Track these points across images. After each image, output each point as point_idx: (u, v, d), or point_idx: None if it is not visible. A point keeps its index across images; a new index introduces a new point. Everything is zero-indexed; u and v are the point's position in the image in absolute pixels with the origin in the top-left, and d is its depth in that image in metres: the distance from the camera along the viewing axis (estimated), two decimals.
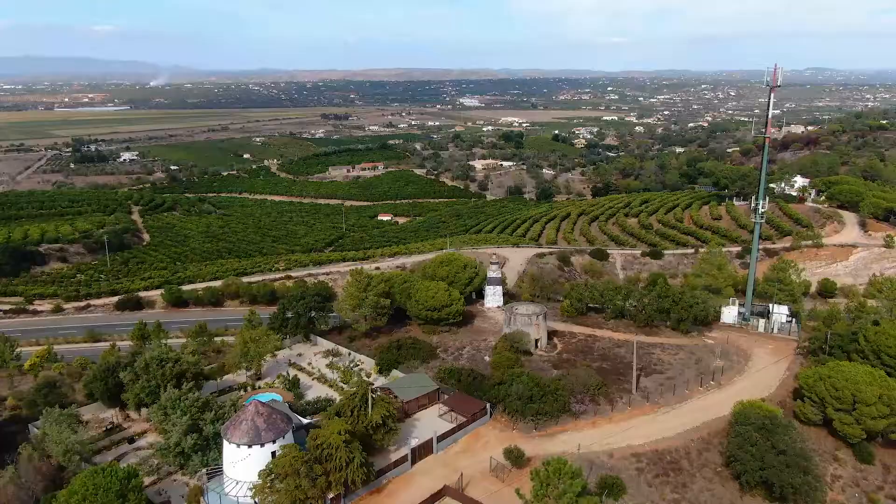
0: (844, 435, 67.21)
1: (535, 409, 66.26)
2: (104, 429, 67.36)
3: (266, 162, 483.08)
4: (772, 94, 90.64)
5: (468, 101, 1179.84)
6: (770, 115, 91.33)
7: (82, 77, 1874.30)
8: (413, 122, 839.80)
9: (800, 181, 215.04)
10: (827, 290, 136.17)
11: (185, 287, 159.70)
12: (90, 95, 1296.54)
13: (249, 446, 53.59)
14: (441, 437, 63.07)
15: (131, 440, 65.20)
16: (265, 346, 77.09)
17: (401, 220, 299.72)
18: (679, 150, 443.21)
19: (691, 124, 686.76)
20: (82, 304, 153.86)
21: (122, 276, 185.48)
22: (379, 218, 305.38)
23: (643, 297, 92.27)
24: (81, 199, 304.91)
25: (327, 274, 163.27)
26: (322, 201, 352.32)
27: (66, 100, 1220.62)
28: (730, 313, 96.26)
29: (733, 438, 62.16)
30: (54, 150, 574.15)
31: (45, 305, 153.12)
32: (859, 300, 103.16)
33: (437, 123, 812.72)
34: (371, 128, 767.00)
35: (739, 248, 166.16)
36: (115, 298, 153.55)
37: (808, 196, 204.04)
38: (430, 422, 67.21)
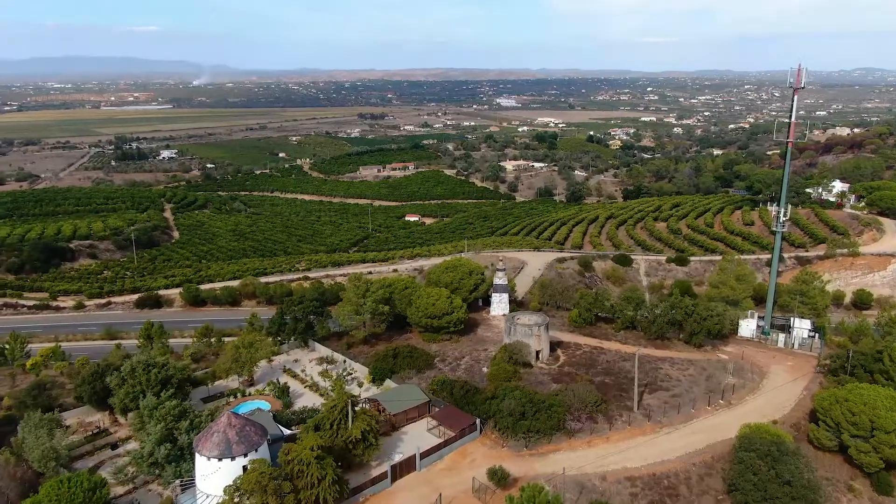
0: (861, 464, 62.58)
1: (527, 426, 63.24)
2: (90, 433, 66.60)
3: (299, 161, 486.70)
4: (795, 96, 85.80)
5: (505, 101, 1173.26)
6: (793, 119, 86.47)
7: (128, 76, 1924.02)
8: (448, 122, 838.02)
9: (838, 186, 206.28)
10: (862, 301, 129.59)
11: (205, 286, 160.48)
12: (135, 94, 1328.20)
13: (220, 459, 51.93)
14: (426, 453, 60.53)
15: (114, 446, 64.30)
16: (257, 353, 75.69)
17: (428, 221, 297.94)
18: (717, 152, 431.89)
19: (732, 126, 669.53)
20: (104, 301, 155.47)
21: (147, 274, 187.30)
22: (406, 218, 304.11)
23: (654, 308, 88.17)
24: (116, 197, 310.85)
25: (344, 276, 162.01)
26: (351, 201, 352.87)
27: (113, 98, 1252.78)
28: (748, 326, 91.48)
29: (735, 465, 58.20)
30: (97, 148, 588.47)
31: (68, 302, 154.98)
32: (892, 314, 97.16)
33: (472, 123, 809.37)
34: (406, 127, 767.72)
35: (770, 256, 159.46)
36: (136, 296, 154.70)
37: (846, 202, 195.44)
38: (417, 436, 64.75)
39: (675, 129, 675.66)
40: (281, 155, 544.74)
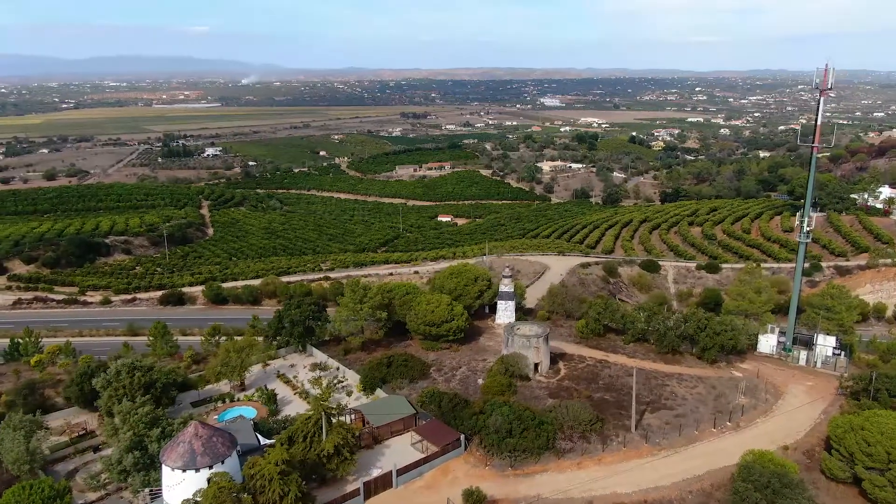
0: (875, 499, 57.62)
1: (513, 444, 60.24)
2: (76, 435, 66.25)
3: (337, 160, 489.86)
4: (821, 98, 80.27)
5: (549, 100, 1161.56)
6: (819, 122, 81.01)
7: (181, 75, 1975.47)
8: (490, 122, 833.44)
9: (887, 192, 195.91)
10: None
11: (228, 284, 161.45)
12: (186, 92, 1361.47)
13: (184, 470, 50.58)
14: (404, 470, 58.10)
15: (96, 449, 63.70)
16: (248, 357, 74.46)
17: (460, 222, 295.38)
18: (764, 154, 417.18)
19: (782, 127, 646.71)
20: (129, 297, 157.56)
21: (176, 270, 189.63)
22: (438, 219, 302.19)
23: (666, 321, 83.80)
24: (156, 193, 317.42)
25: (366, 276, 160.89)
26: (385, 200, 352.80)
27: (164, 97, 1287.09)
28: (767, 342, 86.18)
29: (731, 497, 54.14)
30: (146, 145, 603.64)
31: (96, 297, 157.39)
32: None
33: (514, 123, 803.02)
34: (448, 127, 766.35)
35: (807, 265, 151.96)
36: (161, 293, 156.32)
37: (894, 209, 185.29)
38: (400, 450, 62.40)
39: (722, 130, 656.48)
40: (321, 153, 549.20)
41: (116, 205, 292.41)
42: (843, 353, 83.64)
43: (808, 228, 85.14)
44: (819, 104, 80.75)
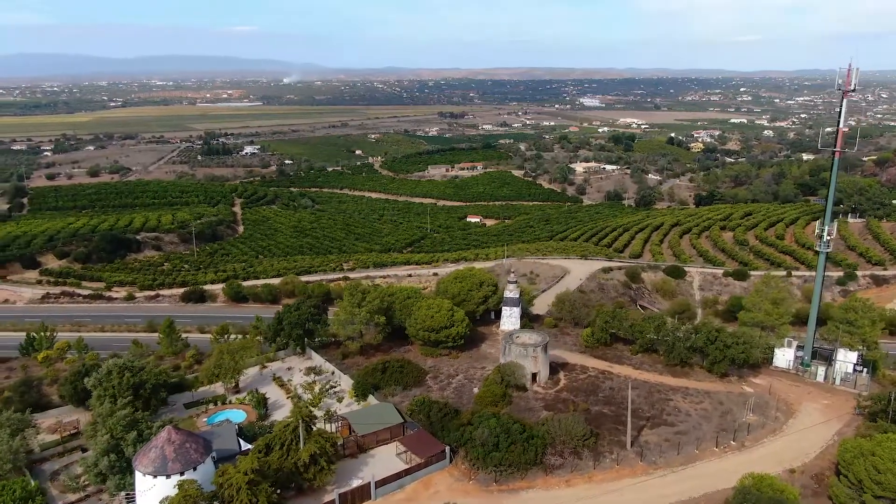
0: None
1: (499, 458, 58.15)
2: (67, 434, 66.48)
3: (370, 159, 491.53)
4: (844, 100, 76.01)
5: (588, 101, 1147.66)
6: (841, 126, 76.57)
7: (225, 74, 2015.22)
8: (528, 122, 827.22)
9: None
10: None
11: (248, 283, 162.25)
12: (229, 91, 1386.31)
13: (154, 476, 50.06)
14: (385, 481, 56.55)
15: (85, 449, 63.75)
16: (242, 360, 73.86)
17: (489, 223, 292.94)
18: (808, 157, 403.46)
19: (829, 129, 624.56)
20: (153, 293, 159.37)
21: (202, 267, 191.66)
22: (467, 219, 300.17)
23: (676, 331, 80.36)
24: (191, 191, 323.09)
25: (385, 277, 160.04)
26: (416, 200, 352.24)
27: (208, 95, 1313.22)
28: (784, 356, 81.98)
29: None
30: (187, 143, 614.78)
31: (121, 292, 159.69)
32: None
33: (551, 123, 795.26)
34: (485, 127, 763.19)
35: (840, 274, 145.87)
36: (183, 290, 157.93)
37: None
38: (385, 460, 60.91)
39: (766, 131, 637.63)
40: (357, 152, 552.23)
41: (152, 201, 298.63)
42: (865, 370, 79.05)
43: (827, 238, 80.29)
44: (842, 106, 76.55)
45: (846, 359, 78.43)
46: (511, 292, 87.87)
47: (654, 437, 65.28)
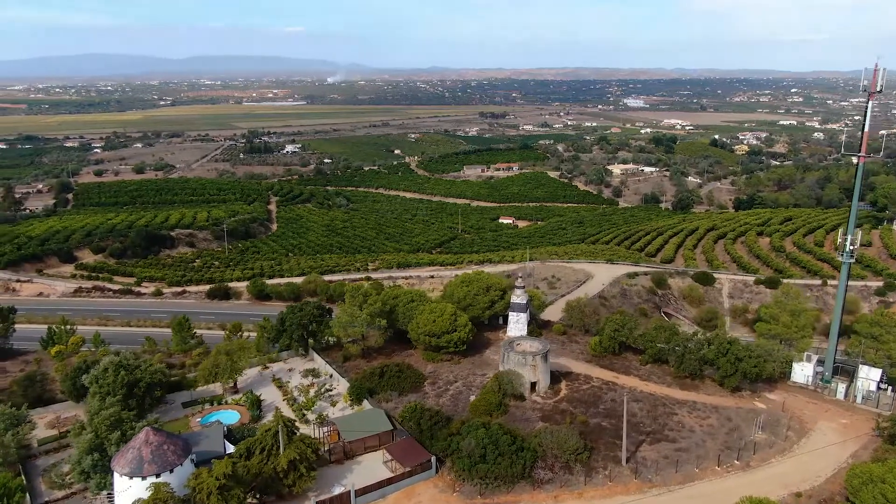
0: None
1: (485, 470, 56.43)
2: (65, 430, 67.22)
3: (407, 159, 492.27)
4: (870, 102, 71.68)
5: (632, 101, 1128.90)
6: (867, 129, 72.33)
7: (272, 74, 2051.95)
8: (569, 122, 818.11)
9: None
10: None
11: (273, 281, 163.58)
12: (275, 91, 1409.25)
13: (130, 477, 49.99)
14: (367, 490, 55.46)
15: None
16: (239, 360, 73.75)
17: (521, 224, 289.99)
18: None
19: (884, 132, 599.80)
20: (180, 289, 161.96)
21: (232, 264, 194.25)
22: (500, 220, 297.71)
23: (687, 342, 77.16)
24: (228, 188, 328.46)
25: (407, 278, 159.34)
26: (450, 200, 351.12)
27: (254, 94, 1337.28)
28: (802, 371, 77.87)
29: None
30: (231, 141, 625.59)
31: (150, 288, 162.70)
32: None
33: (593, 124, 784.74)
34: (525, 127, 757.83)
35: (880, 284, 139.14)
36: (209, 287, 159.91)
37: None
38: (371, 468, 59.83)
39: (816, 134, 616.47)
40: (396, 152, 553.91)
41: (190, 199, 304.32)
42: (890, 388, 74.59)
43: (851, 247, 76.02)
44: (867, 108, 72.17)
45: (869, 376, 74.14)
46: (518, 297, 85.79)
47: (652, 453, 62.60)
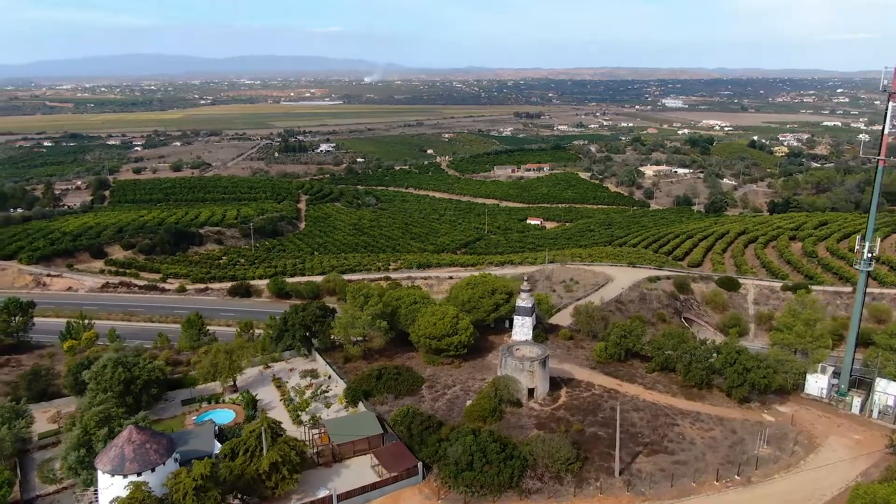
0: None
1: (471, 478, 55.32)
2: (65, 424, 68.19)
3: (438, 158, 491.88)
4: (890, 102, 68.33)
5: (671, 101, 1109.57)
6: (886, 132, 68.95)
7: (310, 74, 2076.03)
8: (605, 123, 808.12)
9: None
10: None
11: (293, 279, 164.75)
12: (312, 90, 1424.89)
13: (112, 475, 50.26)
14: (350, 495, 54.87)
15: None
16: (238, 360, 73.93)
17: (549, 226, 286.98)
18: None
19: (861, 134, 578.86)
20: (202, 286, 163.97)
21: (258, 262, 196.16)
22: (527, 221, 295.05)
23: (695, 350, 74.69)
24: (259, 187, 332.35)
25: (425, 279, 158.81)
26: (479, 200, 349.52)
27: (292, 94, 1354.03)
28: (816, 383, 74.71)
29: None
30: (267, 140, 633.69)
31: (175, 285, 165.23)
32: None
33: (630, 124, 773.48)
34: (560, 127, 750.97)
35: None
36: (230, 284, 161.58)
37: None
38: (358, 472, 59.25)
39: (861, 135, 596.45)
40: (429, 151, 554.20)
41: (222, 196, 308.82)
42: None
43: (868, 255, 72.65)
44: (887, 109, 68.85)
45: (886, 390, 70.74)
46: (523, 301, 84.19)
47: (648, 465, 60.67)
